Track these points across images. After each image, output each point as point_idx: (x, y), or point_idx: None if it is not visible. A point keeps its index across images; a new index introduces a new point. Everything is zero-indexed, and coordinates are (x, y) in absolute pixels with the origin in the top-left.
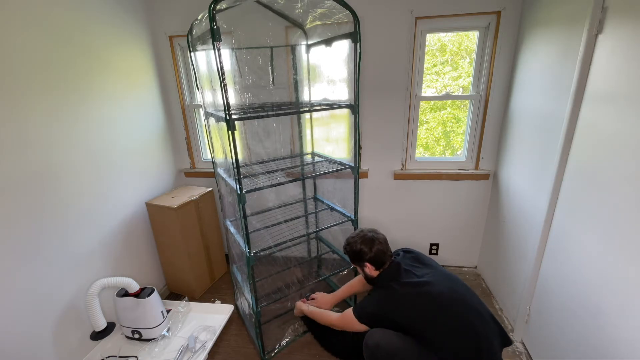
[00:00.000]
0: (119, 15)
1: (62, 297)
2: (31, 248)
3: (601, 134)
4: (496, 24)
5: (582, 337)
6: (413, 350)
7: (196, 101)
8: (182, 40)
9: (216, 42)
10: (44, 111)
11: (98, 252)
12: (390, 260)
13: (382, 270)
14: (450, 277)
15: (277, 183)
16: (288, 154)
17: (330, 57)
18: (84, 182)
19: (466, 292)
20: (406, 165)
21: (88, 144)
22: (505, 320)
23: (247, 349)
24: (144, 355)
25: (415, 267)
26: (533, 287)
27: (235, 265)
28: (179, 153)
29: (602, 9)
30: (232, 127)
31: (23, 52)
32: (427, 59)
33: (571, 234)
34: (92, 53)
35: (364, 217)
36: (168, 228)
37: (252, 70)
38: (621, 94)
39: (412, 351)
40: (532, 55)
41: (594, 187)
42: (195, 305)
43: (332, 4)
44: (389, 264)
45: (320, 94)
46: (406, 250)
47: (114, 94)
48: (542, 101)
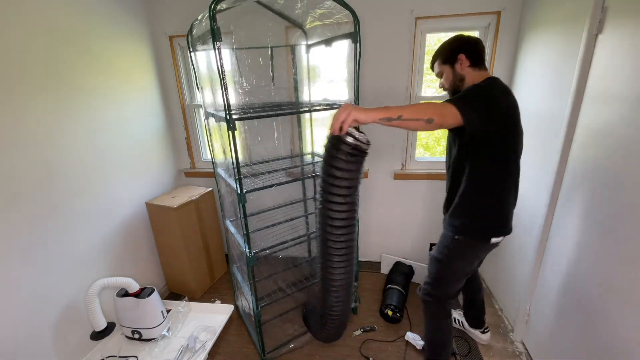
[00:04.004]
0: (119, 15)
1: (62, 297)
2: (31, 248)
3: (601, 134)
4: (496, 24)
5: (582, 337)
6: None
7: (196, 101)
8: (182, 40)
9: (216, 42)
10: (44, 111)
11: (98, 252)
12: (487, 70)
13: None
14: None
15: (277, 183)
16: (288, 154)
17: (330, 57)
18: (84, 182)
19: None
20: (406, 165)
21: (88, 144)
22: (505, 320)
23: (247, 349)
24: (144, 355)
25: None
26: (533, 287)
27: (235, 265)
28: (179, 153)
29: (602, 9)
30: (232, 127)
31: (23, 52)
32: (427, 59)
33: (571, 234)
34: (92, 53)
35: (364, 217)
36: (168, 228)
37: (252, 70)
38: (621, 94)
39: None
40: (532, 55)
41: (594, 187)
42: (195, 305)
43: (332, 4)
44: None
45: (320, 94)
46: None
47: (114, 94)
48: (542, 101)
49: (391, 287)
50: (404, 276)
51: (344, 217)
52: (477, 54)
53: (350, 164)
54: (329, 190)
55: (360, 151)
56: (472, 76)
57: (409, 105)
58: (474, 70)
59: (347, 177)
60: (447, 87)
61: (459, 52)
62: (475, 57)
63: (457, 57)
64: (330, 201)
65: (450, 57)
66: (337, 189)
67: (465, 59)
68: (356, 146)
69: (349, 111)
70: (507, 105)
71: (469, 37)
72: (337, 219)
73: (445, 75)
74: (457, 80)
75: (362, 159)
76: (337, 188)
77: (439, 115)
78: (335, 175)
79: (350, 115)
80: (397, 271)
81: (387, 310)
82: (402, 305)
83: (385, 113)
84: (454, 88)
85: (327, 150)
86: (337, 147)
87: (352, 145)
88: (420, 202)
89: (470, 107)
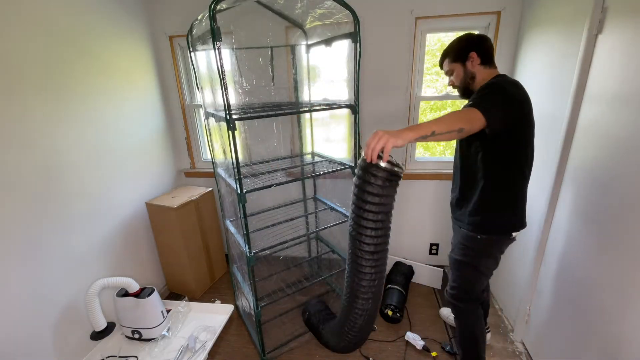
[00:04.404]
0: (119, 15)
1: (62, 297)
2: (31, 248)
3: (601, 134)
4: (496, 24)
5: (582, 337)
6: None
7: (196, 101)
8: (182, 40)
9: (216, 42)
10: (44, 111)
11: (98, 252)
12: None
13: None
14: None
15: (277, 183)
16: (288, 154)
17: (330, 57)
18: (84, 182)
19: None
20: (406, 165)
21: (88, 144)
22: (505, 320)
23: (247, 349)
24: (144, 355)
25: None
26: (533, 287)
27: (235, 265)
28: (179, 153)
29: (602, 9)
30: (232, 127)
31: (23, 53)
32: (427, 59)
33: (571, 233)
34: (92, 53)
35: None
36: (168, 228)
37: (252, 70)
38: (621, 94)
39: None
40: (532, 55)
41: (594, 187)
42: (195, 305)
43: (332, 4)
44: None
45: (320, 94)
46: None
47: (114, 94)
48: (542, 101)
49: (391, 287)
50: (403, 276)
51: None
52: (488, 51)
53: (386, 189)
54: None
55: (396, 176)
56: (482, 74)
57: (438, 119)
58: (484, 68)
59: (383, 202)
60: (458, 85)
61: (470, 49)
62: (485, 55)
63: (468, 55)
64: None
65: (461, 55)
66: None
67: (477, 57)
68: (392, 172)
69: (386, 138)
70: (521, 100)
71: (479, 35)
72: (369, 244)
73: (456, 73)
74: (468, 78)
75: (397, 184)
76: (371, 214)
77: (468, 123)
78: (370, 202)
79: (389, 142)
80: (397, 271)
81: (387, 310)
82: (402, 305)
83: (419, 132)
84: (465, 86)
85: (361, 177)
86: (373, 173)
87: (389, 171)
88: (421, 202)
89: (492, 107)
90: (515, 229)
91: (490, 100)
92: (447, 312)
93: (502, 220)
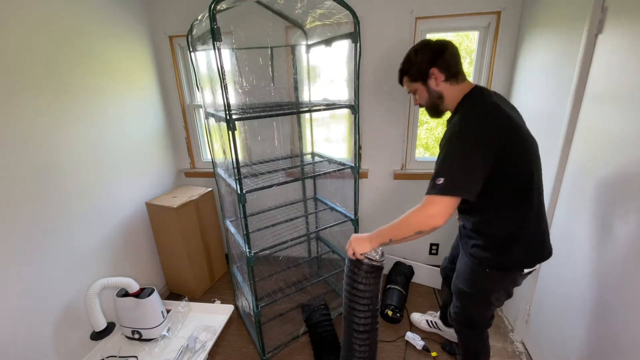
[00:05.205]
0: (119, 15)
1: (62, 297)
2: (31, 248)
3: (601, 134)
4: (496, 24)
5: (582, 337)
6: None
7: (196, 101)
8: (182, 40)
9: (216, 42)
10: (44, 111)
11: (98, 252)
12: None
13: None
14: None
15: (277, 183)
16: (288, 154)
17: (330, 57)
18: (84, 182)
19: None
20: (406, 165)
21: (88, 144)
22: (505, 320)
23: (247, 349)
24: (144, 355)
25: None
26: (533, 287)
27: (235, 265)
28: (179, 153)
29: (602, 9)
30: (232, 127)
31: (22, 53)
32: None
33: (571, 233)
34: (92, 53)
35: (364, 216)
36: (168, 228)
37: (252, 70)
38: (621, 94)
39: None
40: (532, 55)
41: (594, 187)
42: (195, 305)
43: (332, 4)
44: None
45: (320, 94)
46: None
47: (114, 94)
48: (542, 101)
49: (391, 287)
50: (403, 276)
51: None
52: (451, 64)
53: (370, 278)
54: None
55: (376, 268)
56: (451, 92)
57: (394, 224)
58: (451, 84)
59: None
60: (425, 106)
61: (430, 66)
62: (449, 69)
63: (428, 72)
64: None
65: (420, 73)
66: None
67: (439, 74)
68: (372, 265)
69: (353, 248)
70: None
71: (437, 44)
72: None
73: (419, 94)
74: (435, 98)
75: (380, 272)
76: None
77: (425, 221)
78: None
79: (357, 251)
80: (397, 271)
81: (387, 310)
82: (402, 305)
83: (379, 240)
84: (433, 107)
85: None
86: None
87: (368, 265)
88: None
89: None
90: (528, 265)
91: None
92: (418, 317)
93: (513, 255)
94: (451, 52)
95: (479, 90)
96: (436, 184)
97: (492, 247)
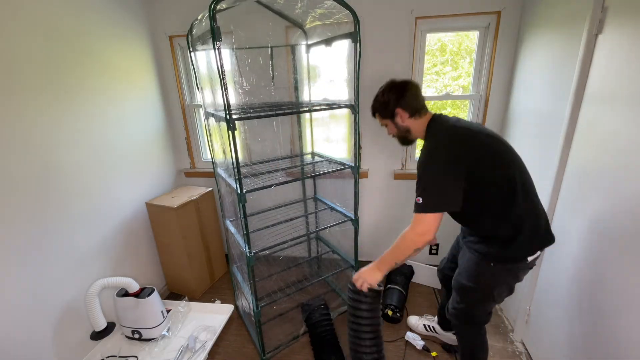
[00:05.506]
0: (119, 15)
1: (62, 297)
2: (31, 248)
3: (601, 134)
4: (496, 24)
5: (582, 337)
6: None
7: (196, 101)
8: (182, 40)
9: (216, 42)
10: (43, 111)
11: (98, 252)
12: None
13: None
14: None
15: (277, 183)
16: (288, 154)
17: (330, 57)
18: (84, 182)
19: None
20: (406, 165)
21: (88, 144)
22: (505, 320)
23: (247, 349)
24: (144, 355)
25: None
26: (533, 287)
27: (235, 265)
28: (179, 153)
29: (602, 9)
30: (232, 127)
31: (22, 53)
32: (427, 59)
33: (571, 233)
34: (92, 53)
35: (364, 216)
36: (168, 228)
37: (252, 70)
38: (621, 94)
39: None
40: (532, 55)
41: (593, 187)
42: (195, 305)
43: (332, 4)
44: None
45: (320, 93)
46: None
47: (114, 94)
48: (542, 101)
49: (391, 287)
50: (403, 276)
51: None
52: (413, 103)
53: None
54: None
55: (378, 292)
56: (415, 126)
57: (393, 248)
58: (415, 119)
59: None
60: (396, 136)
61: (395, 106)
62: (411, 107)
63: (394, 112)
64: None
65: (387, 112)
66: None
67: (403, 112)
68: (375, 290)
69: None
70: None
71: (400, 86)
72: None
73: (390, 128)
74: (404, 132)
75: (379, 297)
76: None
77: (418, 239)
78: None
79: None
80: (397, 271)
81: (387, 310)
82: (402, 305)
83: (386, 266)
84: (403, 137)
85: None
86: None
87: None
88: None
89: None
90: (532, 252)
91: (426, 190)
92: (415, 321)
93: (518, 246)
94: (412, 92)
95: (437, 117)
96: (417, 203)
97: (496, 244)
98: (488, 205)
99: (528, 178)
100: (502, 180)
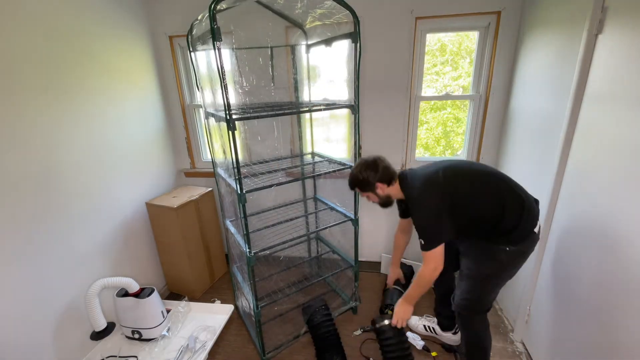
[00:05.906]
0: (119, 15)
1: (62, 297)
2: (31, 248)
3: (601, 134)
4: (496, 24)
5: (582, 337)
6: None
7: (196, 101)
8: (182, 40)
9: (216, 42)
10: (44, 111)
11: (98, 252)
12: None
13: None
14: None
15: (277, 183)
16: (288, 154)
17: (330, 57)
18: (84, 182)
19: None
20: (406, 165)
21: (88, 144)
22: (505, 320)
23: (247, 349)
24: (144, 355)
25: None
26: (533, 287)
27: (236, 265)
28: (179, 153)
29: (602, 9)
30: (232, 127)
31: (22, 53)
32: (427, 59)
33: (571, 233)
34: (92, 53)
35: (364, 216)
36: (168, 228)
37: (252, 70)
38: (621, 94)
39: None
40: (532, 55)
41: (593, 187)
42: (195, 305)
43: (332, 4)
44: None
45: (320, 94)
46: None
47: (114, 94)
48: (542, 101)
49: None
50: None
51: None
52: (386, 174)
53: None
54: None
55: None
56: (393, 191)
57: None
58: (392, 186)
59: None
60: (379, 203)
61: (375, 181)
62: (387, 178)
63: (374, 185)
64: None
65: (368, 187)
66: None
67: (382, 184)
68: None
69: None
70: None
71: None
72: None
73: (372, 198)
74: (385, 199)
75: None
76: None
77: (433, 274)
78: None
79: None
80: None
81: (388, 310)
82: None
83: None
84: (385, 202)
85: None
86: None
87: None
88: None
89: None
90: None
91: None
92: (415, 321)
93: (521, 229)
94: (383, 166)
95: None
96: (421, 244)
97: (505, 234)
98: (484, 219)
99: (502, 176)
100: (487, 195)
